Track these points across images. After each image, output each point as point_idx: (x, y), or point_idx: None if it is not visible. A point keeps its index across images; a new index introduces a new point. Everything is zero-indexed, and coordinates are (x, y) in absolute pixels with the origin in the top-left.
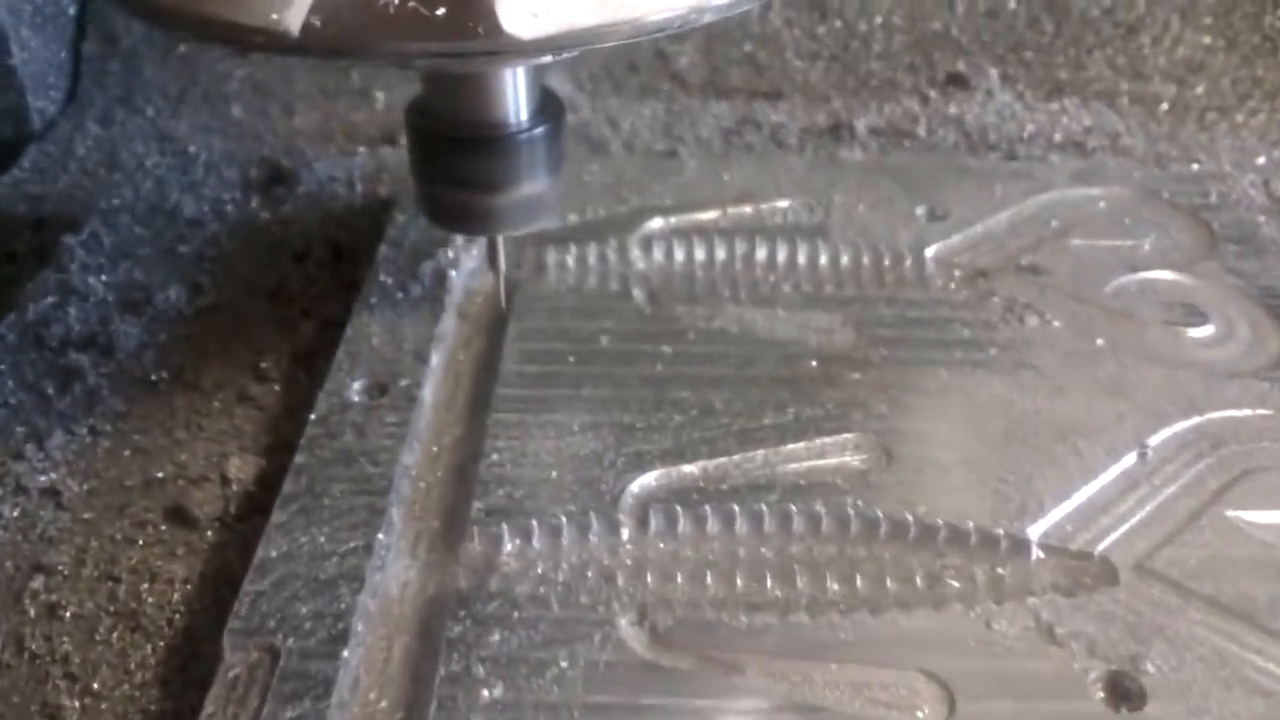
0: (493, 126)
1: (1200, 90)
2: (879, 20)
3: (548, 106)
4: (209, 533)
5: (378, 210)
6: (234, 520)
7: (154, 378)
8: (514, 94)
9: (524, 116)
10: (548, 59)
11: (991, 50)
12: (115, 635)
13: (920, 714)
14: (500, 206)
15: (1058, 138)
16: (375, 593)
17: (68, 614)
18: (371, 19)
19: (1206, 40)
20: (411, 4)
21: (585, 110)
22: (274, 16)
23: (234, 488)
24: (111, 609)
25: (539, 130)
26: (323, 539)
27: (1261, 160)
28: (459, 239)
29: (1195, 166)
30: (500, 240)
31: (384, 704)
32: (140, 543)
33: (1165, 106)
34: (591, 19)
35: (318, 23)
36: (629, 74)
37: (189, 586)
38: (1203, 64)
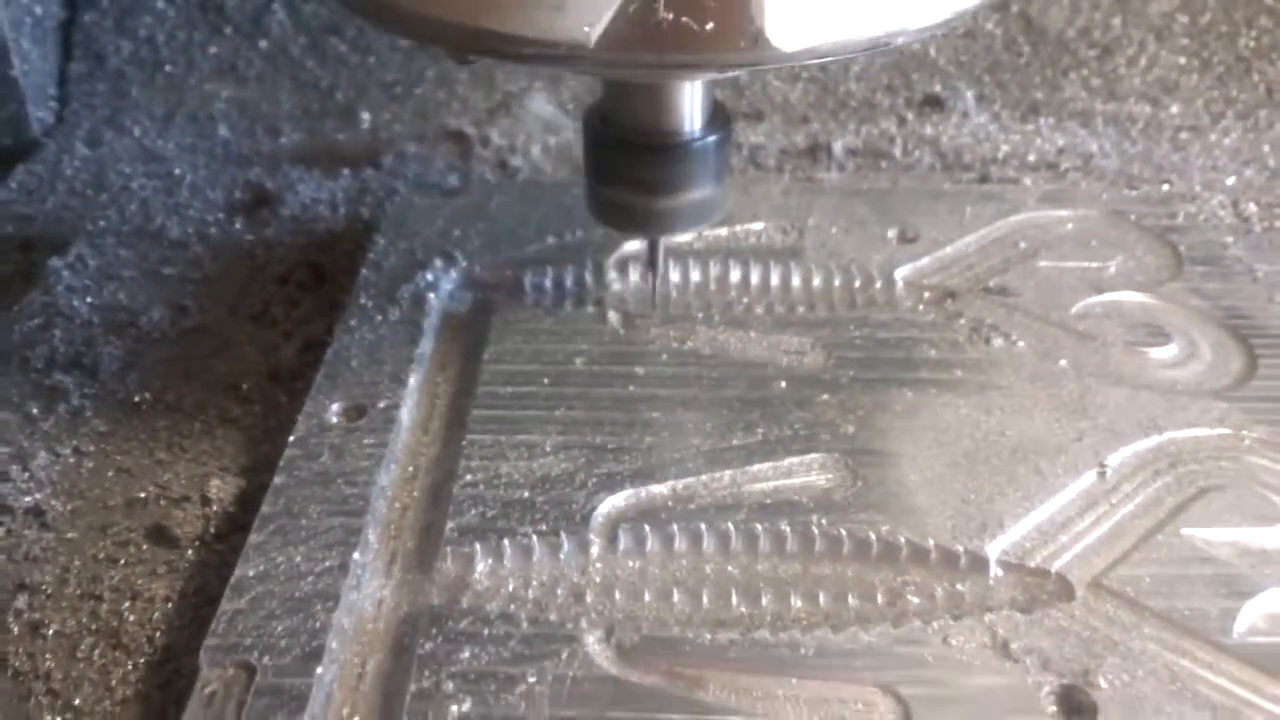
0: (669, 134)
1: (1174, 110)
2: None
3: (718, 117)
4: (189, 552)
5: (359, 233)
6: (214, 539)
7: (137, 399)
8: (691, 104)
9: (698, 125)
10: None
11: (969, 71)
12: (96, 653)
13: None
14: (668, 209)
15: (1031, 158)
16: (350, 611)
17: (50, 632)
18: (646, 32)
19: (1181, 61)
20: (684, 19)
21: (567, 132)
22: (585, 29)
23: (214, 508)
24: (93, 627)
25: (711, 139)
26: (299, 559)
27: (1231, 180)
28: (437, 262)
29: (1165, 187)
30: (661, 243)
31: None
32: (122, 562)
33: (1139, 126)
34: (850, 31)
35: (603, 37)
36: None
37: (169, 605)
38: (1177, 84)
